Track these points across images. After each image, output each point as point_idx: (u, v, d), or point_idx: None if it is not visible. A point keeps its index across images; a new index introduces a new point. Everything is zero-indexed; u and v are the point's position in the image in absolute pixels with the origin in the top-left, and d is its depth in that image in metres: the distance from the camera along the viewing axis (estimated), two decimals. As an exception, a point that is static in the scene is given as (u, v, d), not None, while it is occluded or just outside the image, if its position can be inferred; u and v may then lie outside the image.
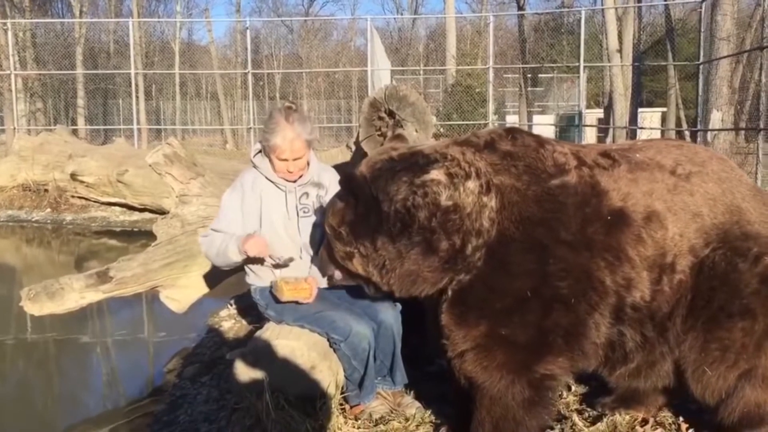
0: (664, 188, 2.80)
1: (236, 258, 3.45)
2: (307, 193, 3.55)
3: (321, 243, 3.42)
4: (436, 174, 2.65)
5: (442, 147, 2.82)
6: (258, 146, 3.60)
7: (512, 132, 2.90)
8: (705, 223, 2.78)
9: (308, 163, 3.54)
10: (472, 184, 2.65)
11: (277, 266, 3.50)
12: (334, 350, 3.43)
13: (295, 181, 3.52)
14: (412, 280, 2.72)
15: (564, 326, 2.66)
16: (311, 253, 3.53)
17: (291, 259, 3.47)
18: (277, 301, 3.44)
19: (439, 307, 2.80)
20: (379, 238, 2.67)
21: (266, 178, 3.52)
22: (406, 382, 3.61)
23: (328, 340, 3.43)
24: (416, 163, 2.70)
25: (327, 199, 3.49)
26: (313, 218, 3.53)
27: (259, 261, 3.48)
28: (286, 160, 3.41)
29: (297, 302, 3.42)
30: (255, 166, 3.57)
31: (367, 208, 2.68)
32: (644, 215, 2.74)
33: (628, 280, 2.71)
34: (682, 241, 2.75)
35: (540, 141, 2.89)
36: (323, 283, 3.29)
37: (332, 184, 3.55)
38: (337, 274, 2.99)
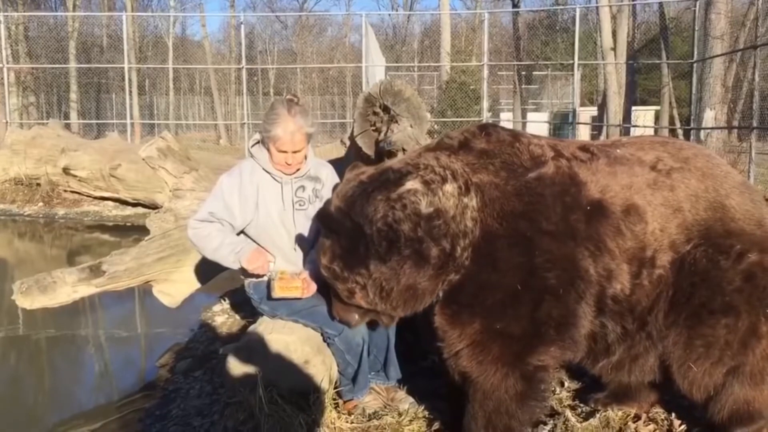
0: (643, 183, 2.80)
1: (231, 266, 3.45)
2: (303, 187, 3.54)
3: (317, 237, 3.42)
4: (412, 184, 2.64)
5: (414, 157, 2.80)
6: (257, 137, 3.58)
7: (485, 129, 2.90)
8: (686, 219, 2.78)
9: (305, 157, 3.53)
10: (449, 187, 2.65)
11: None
12: (328, 345, 3.43)
13: (292, 174, 3.51)
14: (411, 294, 2.70)
15: (555, 317, 2.68)
16: (305, 246, 3.53)
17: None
18: (270, 297, 3.43)
19: (431, 308, 2.81)
20: (370, 263, 2.64)
21: (263, 168, 3.51)
22: (399, 377, 3.61)
23: (322, 334, 3.43)
24: (388, 179, 2.68)
25: (324, 193, 3.50)
26: (309, 212, 3.52)
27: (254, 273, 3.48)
28: (285, 152, 3.39)
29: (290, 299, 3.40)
30: (252, 157, 3.55)
31: (352, 239, 2.65)
32: (623, 208, 2.75)
33: (609, 271, 2.73)
34: (663, 236, 2.76)
35: (515, 135, 2.90)
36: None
37: (329, 180, 3.55)
38: (354, 318, 2.97)
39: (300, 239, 3.52)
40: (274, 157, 3.44)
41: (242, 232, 3.53)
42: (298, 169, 3.51)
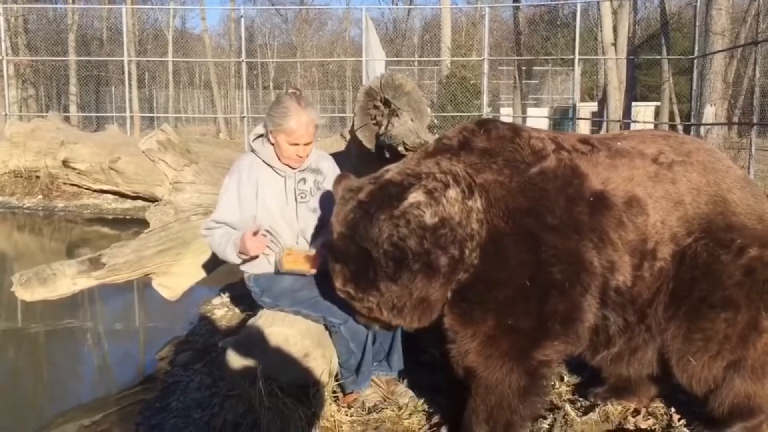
0: (644, 175, 2.80)
1: (237, 261, 3.46)
2: (304, 179, 3.54)
3: (319, 229, 3.42)
4: (414, 196, 2.62)
5: (413, 165, 2.76)
6: (258, 131, 3.56)
7: (484, 125, 2.87)
8: (687, 212, 2.78)
9: None
10: (453, 192, 2.63)
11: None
12: (331, 334, 3.43)
13: (294, 167, 3.50)
14: (425, 306, 2.71)
15: (561, 311, 2.68)
16: (308, 239, 3.52)
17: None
18: (277, 272, 3.41)
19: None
20: (381, 283, 2.65)
21: (265, 162, 3.49)
22: (401, 367, 3.61)
23: (325, 324, 3.43)
24: (389, 194, 2.66)
25: (325, 185, 3.50)
26: (311, 204, 3.52)
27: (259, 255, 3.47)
28: (297, 144, 3.39)
29: (297, 274, 3.38)
30: (254, 151, 3.53)
31: (360, 263, 2.65)
32: (625, 200, 2.75)
33: (612, 262, 2.73)
34: (664, 228, 2.76)
35: (515, 130, 2.88)
36: None
37: (330, 172, 3.55)
38: (377, 328, 3.02)
39: (302, 232, 3.52)
40: (283, 151, 3.42)
41: None
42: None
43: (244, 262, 3.50)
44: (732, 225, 2.78)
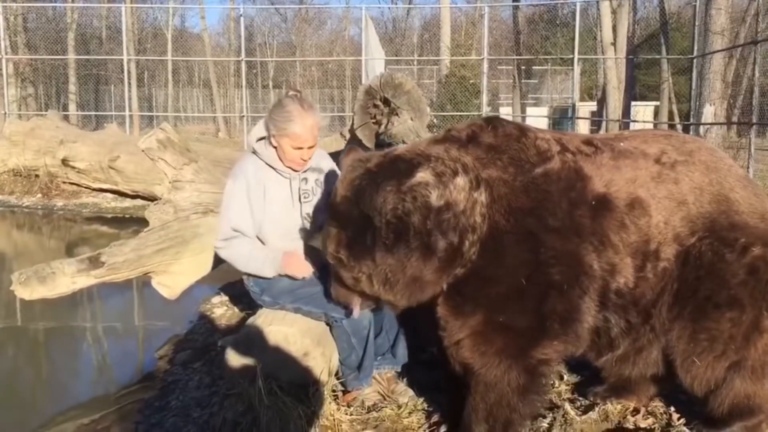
0: (647, 176, 2.80)
1: (270, 277, 3.45)
2: (306, 179, 3.53)
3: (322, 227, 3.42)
4: (423, 175, 2.60)
5: (423, 148, 2.76)
6: (258, 132, 3.52)
7: (492, 122, 2.88)
8: (691, 212, 2.77)
9: None
10: (461, 181, 2.62)
11: None
12: (332, 330, 3.43)
13: (297, 170, 3.49)
14: (418, 285, 2.69)
15: (559, 311, 2.67)
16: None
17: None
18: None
19: (435, 299, 2.80)
20: (377, 253, 2.62)
21: (269, 165, 3.47)
22: (406, 360, 3.60)
23: (326, 321, 3.43)
24: (398, 169, 2.64)
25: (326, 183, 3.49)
26: (314, 203, 3.51)
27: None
28: (301, 148, 3.36)
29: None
30: (255, 153, 3.50)
31: (359, 228, 2.63)
32: (627, 202, 2.74)
33: (612, 265, 2.72)
34: (667, 228, 2.76)
35: (521, 129, 2.88)
36: None
37: (330, 170, 3.54)
38: (359, 304, 2.99)
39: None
40: (287, 155, 3.39)
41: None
42: None
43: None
44: (735, 224, 2.77)
